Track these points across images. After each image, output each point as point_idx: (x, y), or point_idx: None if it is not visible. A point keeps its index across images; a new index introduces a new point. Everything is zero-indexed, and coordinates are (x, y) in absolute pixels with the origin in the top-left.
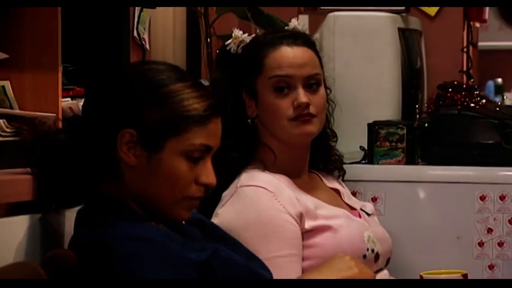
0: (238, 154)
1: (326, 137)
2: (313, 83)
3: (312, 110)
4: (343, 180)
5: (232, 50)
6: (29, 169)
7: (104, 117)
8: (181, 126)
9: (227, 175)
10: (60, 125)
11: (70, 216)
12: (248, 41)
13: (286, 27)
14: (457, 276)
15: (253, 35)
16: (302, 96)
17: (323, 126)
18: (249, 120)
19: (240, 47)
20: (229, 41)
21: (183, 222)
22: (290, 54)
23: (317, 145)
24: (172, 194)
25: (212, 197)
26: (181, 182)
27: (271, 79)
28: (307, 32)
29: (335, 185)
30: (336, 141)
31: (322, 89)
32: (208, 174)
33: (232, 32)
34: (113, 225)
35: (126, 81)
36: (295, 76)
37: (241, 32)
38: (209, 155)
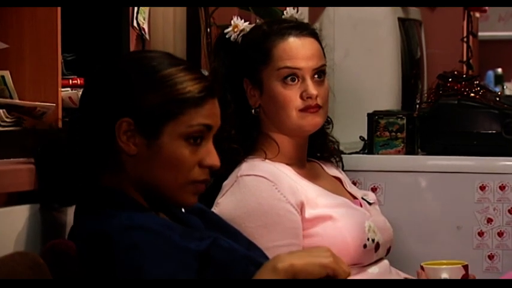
0: (239, 145)
1: (323, 125)
2: (320, 74)
3: (319, 101)
4: (343, 170)
5: (232, 39)
6: (29, 159)
7: (99, 108)
8: (177, 110)
9: (227, 165)
10: (59, 114)
11: (71, 207)
12: (248, 29)
13: (283, 17)
14: (457, 267)
15: (253, 24)
16: (311, 88)
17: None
18: (253, 110)
19: (240, 35)
20: (229, 29)
21: (183, 210)
22: (299, 45)
23: (315, 133)
24: (176, 179)
25: (212, 187)
26: (184, 166)
27: (281, 70)
28: (305, 20)
29: (336, 173)
30: (331, 128)
31: (326, 80)
32: (211, 156)
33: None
34: (112, 216)
35: (118, 71)
36: (305, 68)
37: (242, 21)
38: (210, 136)
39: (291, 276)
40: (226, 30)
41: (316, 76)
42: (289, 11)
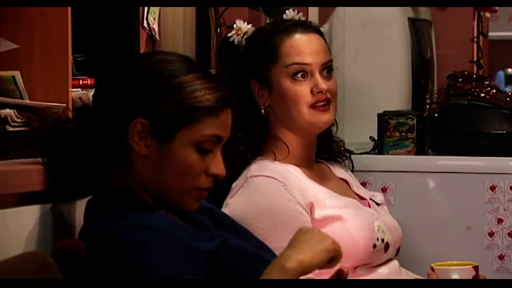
0: (247, 147)
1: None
2: (328, 70)
3: (329, 95)
4: (352, 170)
5: (236, 42)
6: (39, 159)
7: (115, 107)
8: (193, 117)
9: (236, 166)
10: (70, 115)
11: (81, 206)
12: (251, 32)
13: (284, 17)
14: (468, 268)
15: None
16: (321, 82)
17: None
18: (262, 111)
19: (244, 38)
20: (232, 32)
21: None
22: (305, 41)
23: (320, 135)
24: (183, 184)
25: (222, 188)
26: (191, 173)
27: (290, 66)
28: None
29: (343, 175)
30: (336, 130)
31: (334, 77)
32: (218, 165)
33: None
34: (121, 216)
35: (138, 72)
36: (313, 63)
37: (245, 24)
38: (219, 146)
39: (300, 273)
40: (229, 34)
41: (324, 72)
42: (290, 13)
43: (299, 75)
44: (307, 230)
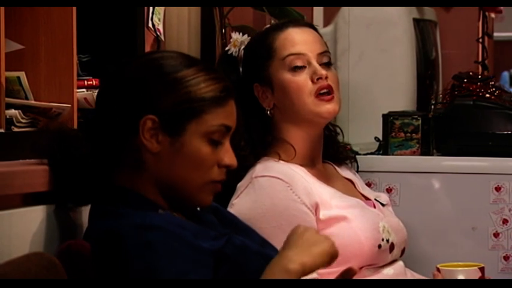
0: (251, 152)
1: (332, 126)
2: (325, 60)
3: (329, 82)
4: (358, 171)
5: (234, 53)
6: (44, 160)
7: (122, 107)
8: (200, 108)
9: (240, 168)
10: (75, 116)
11: (86, 207)
12: (247, 41)
13: None
14: (474, 269)
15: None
16: (320, 69)
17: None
18: (268, 112)
19: (242, 48)
20: (229, 46)
21: (198, 208)
22: (299, 33)
23: (327, 142)
24: (197, 178)
25: (227, 188)
26: (204, 165)
27: (286, 58)
28: None
29: (349, 175)
30: (342, 137)
31: (333, 68)
32: (229, 156)
33: (231, 34)
34: (124, 216)
35: (141, 70)
36: (309, 53)
37: (240, 35)
38: (227, 137)
39: (301, 275)
40: (227, 48)
41: (322, 65)
42: None
43: (297, 66)
44: (305, 229)
